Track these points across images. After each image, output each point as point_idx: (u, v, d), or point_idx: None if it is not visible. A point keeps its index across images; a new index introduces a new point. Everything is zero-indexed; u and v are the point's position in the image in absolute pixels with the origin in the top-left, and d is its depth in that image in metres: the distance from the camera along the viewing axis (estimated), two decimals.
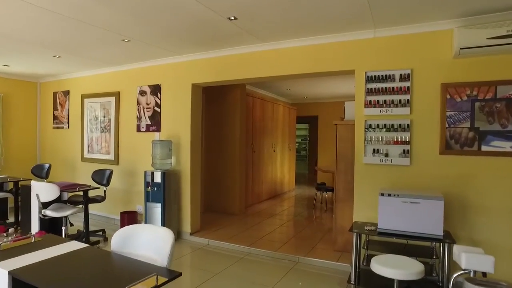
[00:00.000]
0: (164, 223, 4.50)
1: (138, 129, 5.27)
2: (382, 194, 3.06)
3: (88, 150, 5.91)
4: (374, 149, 3.58)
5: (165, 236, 1.83)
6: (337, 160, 4.20)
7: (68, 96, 6.23)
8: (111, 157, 5.60)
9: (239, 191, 6.26)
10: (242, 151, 6.31)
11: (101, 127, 5.74)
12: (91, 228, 5.03)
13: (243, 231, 5.08)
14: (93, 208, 5.67)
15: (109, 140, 5.64)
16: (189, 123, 4.78)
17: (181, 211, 4.86)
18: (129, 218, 4.99)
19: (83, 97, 5.97)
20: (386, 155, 3.52)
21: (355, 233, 3.21)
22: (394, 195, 3.01)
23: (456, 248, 2.23)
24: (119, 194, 5.53)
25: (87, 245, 1.95)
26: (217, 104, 6.43)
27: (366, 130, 3.62)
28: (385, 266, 2.32)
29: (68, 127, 6.25)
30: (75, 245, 1.95)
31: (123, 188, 5.48)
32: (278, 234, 4.96)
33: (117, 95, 5.51)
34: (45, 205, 4.03)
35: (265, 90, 8.68)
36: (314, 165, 14.35)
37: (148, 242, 1.88)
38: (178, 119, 4.88)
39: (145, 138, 5.19)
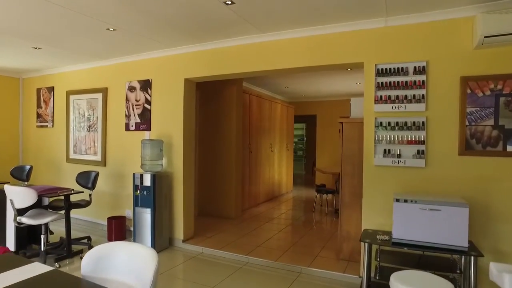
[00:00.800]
0: (154, 230, 4.13)
1: (127, 128, 4.90)
2: (397, 200, 2.73)
3: (74, 150, 5.52)
4: (385, 150, 3.25)
5: (148, 258, 1.47)
6: (343, 162, 3.87)
7: (52, 92, 5.83)
8: (98, 158, 5.22)
9: (235, 194, 5.91)
10: (238, 151, 5.96)
11: (87, 126, 5.35)
12: (76, 234, 4.65)
13: (240, 237, 4.73)
14: (78, 212, 5.29)
15: (96, 140, 5.25)
16: (182, 122, 4.42)
17: (173, 217, 4.50)
18: (117, 224, 4.62)
19: (69, 93, 5.58)
20: (399, 156, 3.19)
21: (366, 243, 2.88)
22: (411, 201, 2.68)
23: (494, 266, 1.90)
24: (107, 197, 5.15)
25: (51, 268, 1.59)
26: (212, 102, 6.07)
27: (376, 128, 3.29)
28: (409, 286, 1.99)
29: (53, 126, 5.85)
30: (37, 269, 1.58)
31: (111, 191, 5.10)
32: (277, 241, 4.61)
33: (104, 91, 5.13)
34: (21, 212, 3.64)
35: (262, 88, 8.34)
36: (312, 166, 14.04)
37: (126, 265, 1.52)
38: (170, 117, 4.51)
39: (134, 137, 4.81)
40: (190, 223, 4.63)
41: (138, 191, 4.17)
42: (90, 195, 4.34)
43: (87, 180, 4.40)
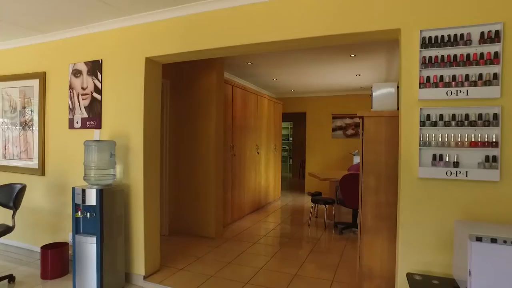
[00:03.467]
0: (101, 265, 2.95)
1: (71, 125, 3.69)
2: (479, 239, 1.69)
3: (3, 154, 4.24)
4: (435, 156, 2.22)
5: None
6: (363, 171, 2.82)
7: None
8: (34, 164, 3.97)
9: (215, 207, 4.78)
10: (218, 154, 4.84)
11: (20, 122, 4.10)
12: None
13: (221, 268, 3.61)
14: (7, 236, 4.01)
15: (31, 141, 4.01)
16: (142, 117, 3.26)
17: (130, 245, 3.33)
18: (55, 255, 3.40)
19: None
20: (456, 164, 2.17)
21: None
22: (506, 242, 1.65)
23: None
24: (46, 217, 3.91)
25: None
26: (186, 94, 4.92)
27: (422, 124, 2.26)
28: None
29: None
30: None
31: (52, 208, 3.87)
32: (270, 274, 3.52)
33: (42, 76, 3.89)
34: None
35: (247, 80, 7.23)
36: (299, 168, 13.07)
37: None
38: (127, 110, 3.35)
39: (81, 137, 3.61)
40: (155, 252, 3.47)
41: (79, 212, 2.98)
42: (13, 217, 3.13)
43: (7, 196, 3.17)
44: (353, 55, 5.04)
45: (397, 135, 2.61)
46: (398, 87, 2.78)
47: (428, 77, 2.24)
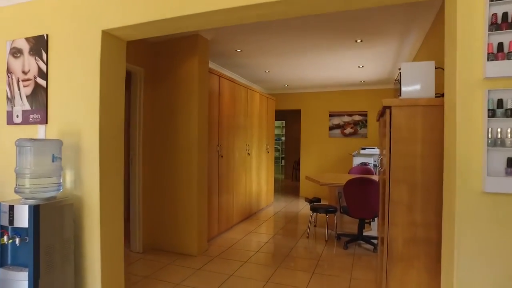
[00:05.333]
0: None
1: (10, 120, 2.88)
2: None
3: None
4: (510, 160, 1.52)
5: None
6: (391, 180, 2.10)
7: None
8: None
9: (198, 218, 4.02)
10: (202, 156, 4.08)
11: None
12: None
13: None
14: None
15: None
16: (98, 108, 2.49)
17: (83, 278, 2.55)
18: None
19: None
20: None
21: None
22: None
23: None
24: None
25: None
26: (163, 85, 4.15)
27: (490, 114, 1.55)
28: None
29: None
30: None
31: None
32: None
33: None
34: None
35: (235, 73, 6.48)
36: (292, 170, 12.35)
37: None
38: (79, 100, 2.57)
39: (21, 135, 2.80)
40: (117, 284, 2.69)
41: (5, 237, 2.19)
42: None
43: None
44: (359, 40, 4.33)
45: (439, 130, 1.90)
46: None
47: (500, 45, 1.53)
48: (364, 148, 7.09)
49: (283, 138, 13.52)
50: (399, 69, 2.24)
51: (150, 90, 4.17)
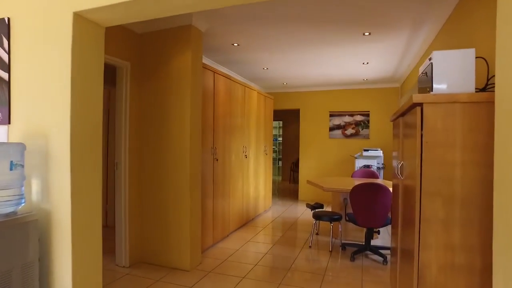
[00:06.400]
0: None
1: None
2: None
3: None
4: None
5: None
6: (422, 192, 1.73)
7: None
8: None
9: (191, 228, 3.63)
10: (195, 159, 3.69)
11: None
12: None
13: None
14: None
15: None
16: (69, 105, 2.09)
17: None
18: None
19: None
20: None
21: None
22: None
23: None
24: None
25: None
26: (152, 81, 3.75)
27: None
28: None
29: None
30: None
31: None
32: None
33: None
34: None
35: (231, 70, 6.09)
36: (290, 171, 11.99)
37: None
38: (47, 96, 2.17)
39: None
40: None
41: None
42: None
43: None
44: (367, 34, 3.97)
45: (484, 132, 1.53)
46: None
47: None
48: (366, 150, 6.74)
49: (280, 139, 13.17)
50: (429, 59, 1.86)
51: (137, 87, 3.78)
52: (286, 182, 11.75)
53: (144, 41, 3.78)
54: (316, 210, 4.80)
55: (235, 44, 4.51)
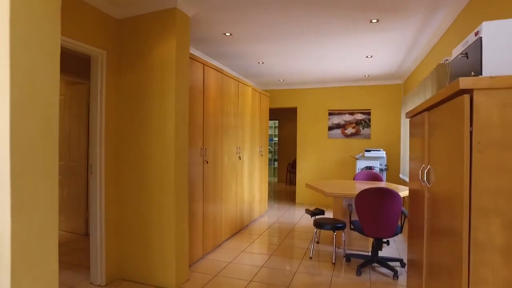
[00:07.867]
0: None
1: None
2: None
3: None
4: None
5: None
6: (473, 207, 1.29)
7: None
8: None
9: (178, 239, 3.18)
10: (181, 161, 3.24)
11: None
12: None
13: None
14: None
15: None
16: (8, 95, 1.63)
17: None
18: None
19: None
20: None
21: None
22: None
23: None
24: None
25: None
26: (131, 73, 3.30)
27: None
28: None
29: None
30: None
31: None
32: None
33: None
34: None
35: (223, 64, 5.64)
36: (286, 172, 11.54)
37: None
38: None
39: None
40: None
41: None
42: None
43: None
44: (375, 21, 3.55)
45: None
46: None
47: None
48: (368, 150, 6.33)
49: (276, 139, 12.75)
50: (475, 33, 1.43)
51: (115, 79, 3.31)
52: (282, 184, 11.32)
53: (123, 27, 3.32)
54: (317, 217, 4.36)
55: (227, 34, 4.07)
